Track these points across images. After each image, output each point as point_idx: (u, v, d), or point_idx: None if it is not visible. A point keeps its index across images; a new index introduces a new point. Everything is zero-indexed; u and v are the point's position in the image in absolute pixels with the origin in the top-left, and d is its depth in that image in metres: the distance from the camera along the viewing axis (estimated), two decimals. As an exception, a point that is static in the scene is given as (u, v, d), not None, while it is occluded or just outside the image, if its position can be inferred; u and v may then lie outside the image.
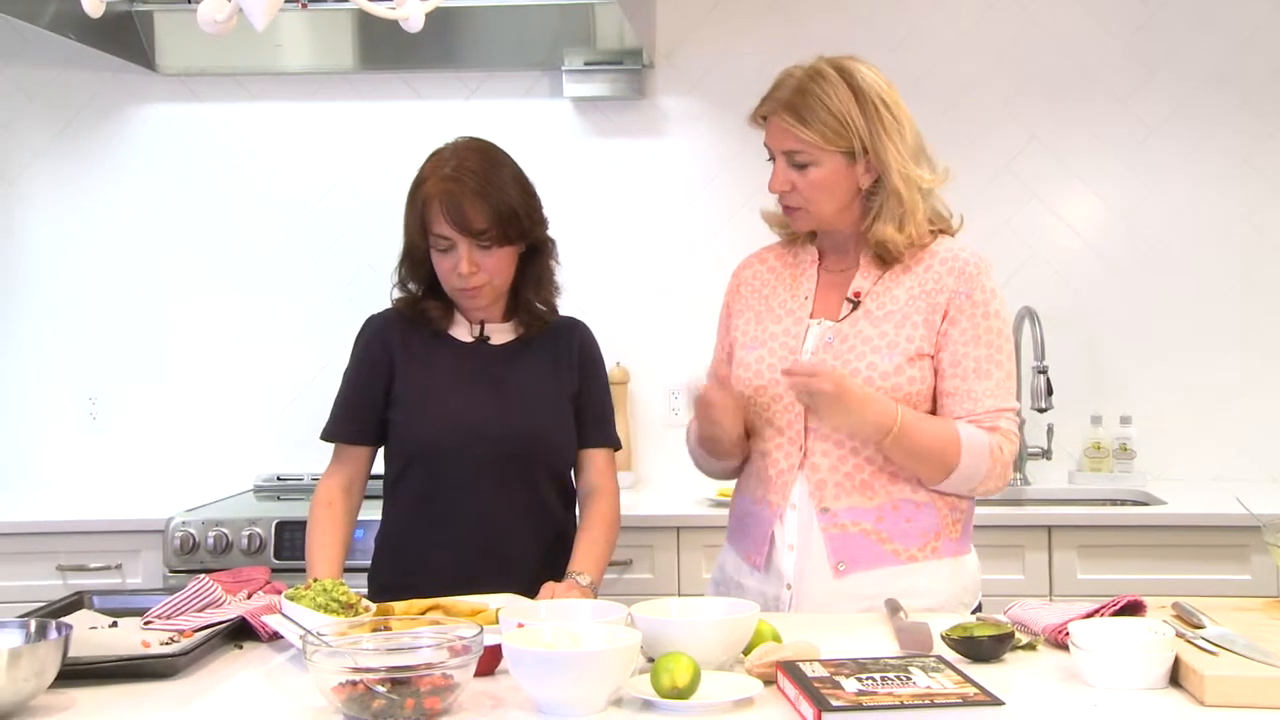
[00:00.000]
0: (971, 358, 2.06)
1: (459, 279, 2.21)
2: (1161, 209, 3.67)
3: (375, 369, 2.30)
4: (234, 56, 3.71)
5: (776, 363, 2.10)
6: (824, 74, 2.07)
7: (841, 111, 2.04)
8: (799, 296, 2.17)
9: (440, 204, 2.18)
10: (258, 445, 3.76)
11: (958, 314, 2.07)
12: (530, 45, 3.67)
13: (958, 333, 2.06)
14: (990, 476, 2.05)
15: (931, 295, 2.08)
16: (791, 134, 2.06)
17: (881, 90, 2.07)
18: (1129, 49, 3.66)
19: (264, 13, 1.60)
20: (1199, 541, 3.07)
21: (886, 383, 2.03)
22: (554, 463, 2.32)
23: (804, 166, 2.07)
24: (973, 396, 2.05)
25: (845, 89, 2.05)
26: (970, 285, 2.08)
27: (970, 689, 1.53)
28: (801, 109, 2.05)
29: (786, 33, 3.69)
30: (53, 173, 3.83)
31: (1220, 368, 3.64)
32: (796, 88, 2.07)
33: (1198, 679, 1.54)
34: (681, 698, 1.53)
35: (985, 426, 2.04)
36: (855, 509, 2.06)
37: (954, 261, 2.10)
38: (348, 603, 1.86)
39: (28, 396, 3.83)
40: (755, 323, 2.19)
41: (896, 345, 2.05)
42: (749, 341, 2.17)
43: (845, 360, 2.05)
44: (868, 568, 2.05)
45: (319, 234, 3.79)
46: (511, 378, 2.28)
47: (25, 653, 1.56)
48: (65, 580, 3.15)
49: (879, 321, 2.08)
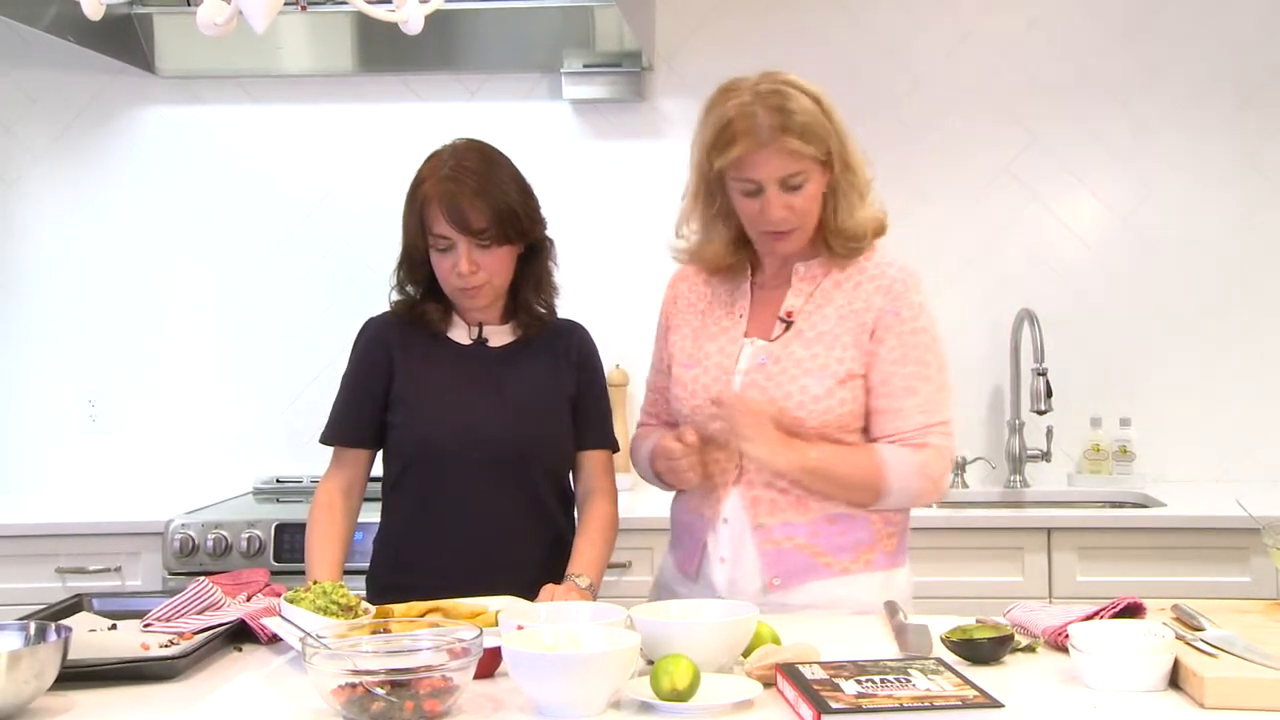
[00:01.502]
0: (899, 375, 2.06)
1: (459, 278, 2.21)
2: (1161, 210, 3.67)
3: (374, 371, 2.30)
4: (234, 59, 3.71)
5: (711, 382, 2.11)
6: (785, 91, 2.04)
7: (818, 121, 2.04)
8: (734, 314, 2.16)
9: (440, 203, 2.18)
10: (257, 447, 3.75)
11: (885, 332, 2.07)
12: (530, 48, 3.67)
13: (885, 351, 2.07)
14: (924, 494, 2.09)
15: (860, 315, 2.08)
16: (795, 156, 2.02)
17: (825, 96, 2.08)
18: (1129, 50, 3.66)
19: (264, 15, 1.60)
20: (1198, 544, 3.07)
21: (818, 406, 2.04)
22: (552, 465, 2.32)
23: (798, 187, 2.05)
24: (901, 415, 2.06)
25: (807, 99, 2.04)
26: (897, 303, 2.08)
27: (969, 691, 1.53)
28: (799, 128, 2.02)
29: (785, 35, 3.70)
30: (53, 175, 3.83)
31: (1220, 370, 3.64)
32: (778, 109, 2.02)
33: (1197, 681, 1.54)
34: (681, 700, 1.53)
35: (914, 444, 2.05)
36: (789, 524, 2.07)
37: (881, 279, 2.10)
38: (347, 605, 1.86)
39: (28, 398, 3.83)
40: (692, 340, 2.19)
41: (827, 368, 2.05)
42: (685, 359, 2.18)
43: (777, 382, 2.06)
44: (801, 581, 2.07)
45: (319, 236, 3.79)
46: (510, 380, 2.28)
47: (25, 655, 1.55)
48: (65, 582, 3.15)
49: (810, 343, 2.08)
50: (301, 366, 3.72)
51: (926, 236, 3.70)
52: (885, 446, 2.06)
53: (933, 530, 3.12)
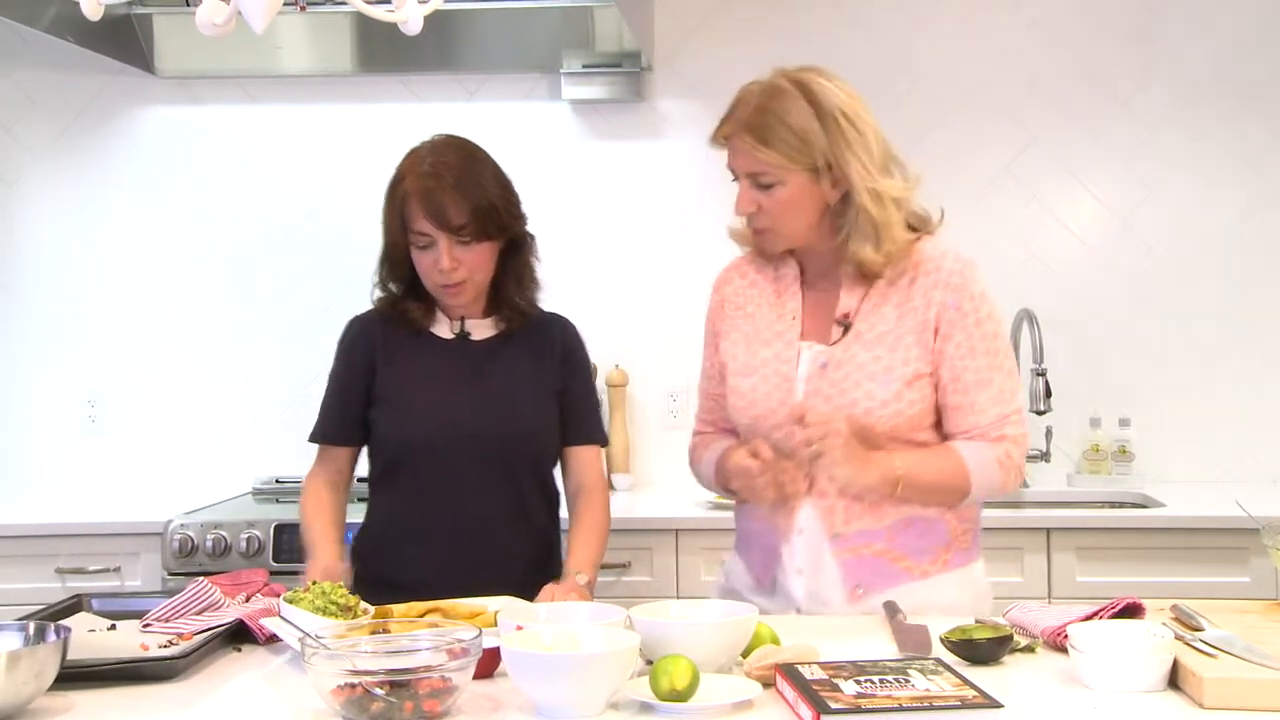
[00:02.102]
0: (970, 370, 2.03)
1: (440, 275, 2.21)
2: (1161, 211, 3.67)
3: (357, 369, 2.32)
4: (233, 59, 3.71)
5: (772, 390, 2.06)
6: (782, 89, 1.99)
7: (802, 128, 1.97)
8: (785, 317, 2.11)
9: (419, 200, 2.18)
10: (256, 448, 3.75)
11: (950, 328, 2.03)
12: (529, 48, 3.67)
13: (953, 347, 2.03)
14: (1006, 485, 2.06)
15: (920, 312, 2.03)
16: (753, 155, 1.99)
17: (842, 103, 1.99)
18: (1129, 51, 3.66)
19: (263, 15, 1.60)
20: (1198, 544, 3.07)
21: (886, 410, 2.00)
22: (536, 458, 2.31)
23: (769, 187, 2.00)
24: (977, 409, 2.03)
25: (804, 104, 1.97)
26: (959, 296, 2.03)
27: (969, 691, 1.53)
28: (761, 129, 1.97)
29: (785, 35, 3.70)
30: (52, 175, 3.83)
31: (1219, 370, 3.64)
32: (756, 106, 1.99)
33: (1197, 681, 1.54)
34: (680, 700, 1.53)
35: (991, 438, 2.03)
36: (866, 531, 2.04)
37: (938, 273, 2.04)
38: (346, 605, 1.87)
39: (27, 399, 3.83)
40: (744, 346, 2.13)
41: (893, 370, 2.01)
42: (740, 368, 2.12)
43: (841, 389, 2.01)
44: (884, 588, 2.04)
45: (318, 236, 3.79)
46: (493, 373, 2.29)
47: (24, 655, 1.56)
48: (64, 583, 3.15)
49: (871, 345, 2.03)
50: (301, 367, 3.72)
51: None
52: (964, 445, 2.03)
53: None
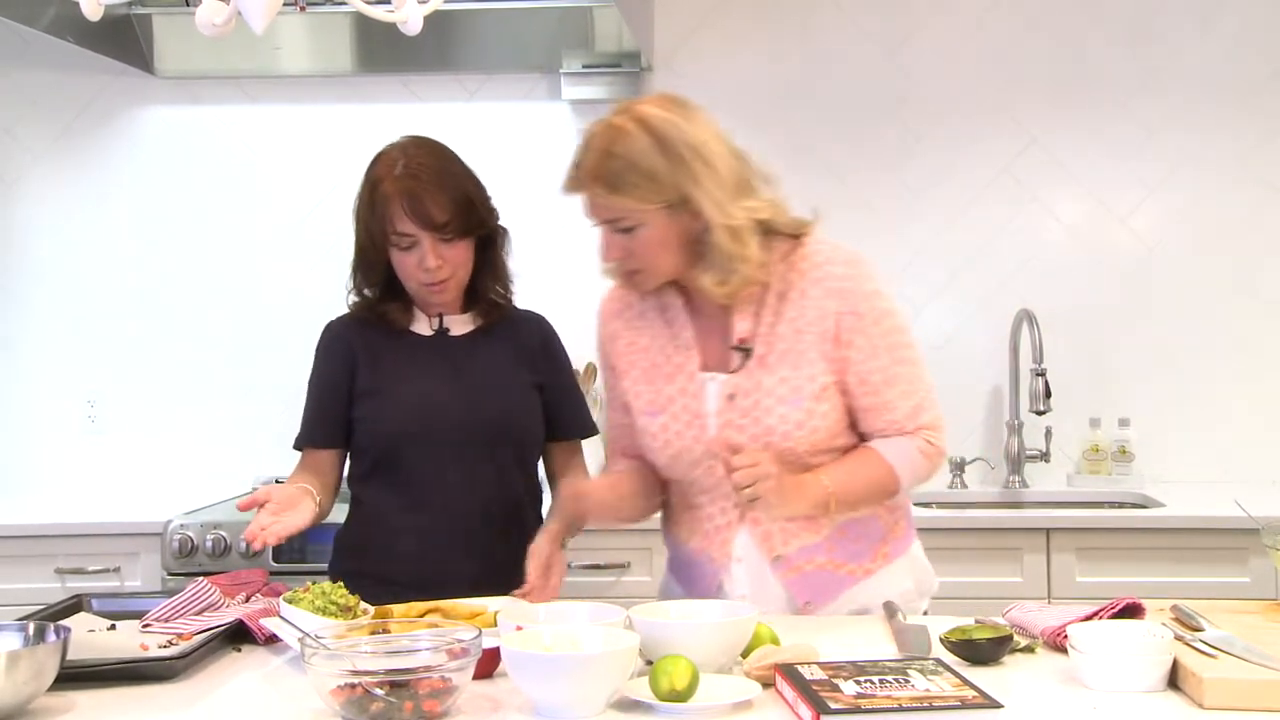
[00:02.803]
0: (877, 370, 2.00)
1: (425, 274, 2.22)
2: (1160, 211, 3.67)
3: (337, 372, 2.32)
4: (232, 59, 3.71)
5: (684, 429, 2.02)
6: (624, 130, 1.91)
7: (649, 167, 1.89)
8: (682, 348, 2.05)
9: (401, 201, 2.18)
10: (256, 448, 3.75)
11: (850, 334, 1.98)
12: (528, 48, 3.67)
13: (856, 352, 1.99)
14: (932, 471, 2.07)
15: (817, 324, 1.98)
16: (607, 204, 1.93)
17: (687, 136, 1.91)
18: (1129, 51, 3.66)
19: (263, 15, 1.60)
20: (1198, 544, 3.07)
21: (802, 430, 1.97)
22: (518, 447, 2.31)
23: (630, 230, 1.94)
24: (890, 406, 2.01)
25: (646, 140, 1.90)
26: (852, 301, 1.98)
27: (969, 692, 1.53)
28: (609, 176, 1.90)
29: (785, 36, 3.70)
30: (52, 175, 3.83)
31: (1219, 370, 3.64)
32: (599, 151, 1.91)
33: (1196, 682, 1.54)
34: (680, 700, 1.53)
35: (909, 430, 2.02)
36: (807, 547, 2.02)
37: (827, 280, 1.98)
38: (346, 605, 1.87)
39: (27, 399, 3.83)
40: (646, 383, 2.07)
41: (801, 389, 1.97)
42: (646, 406, 2.06)
43: (754, 417, 1.98)
44: (831, 598, 2.04)
45: (317, 236, 3.78)
46: (472, 365, 2.29)
47: (24, 655, 1.56)
48: (64, 583, 3.15)
49: (775, 367, 1.98)
50: (301, 367, 3.64)
51: (925, 237, 3.71)
52: (884, 444, 2.02)
53: (932, 531, 3.10)
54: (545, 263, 3.56)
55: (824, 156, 3.71)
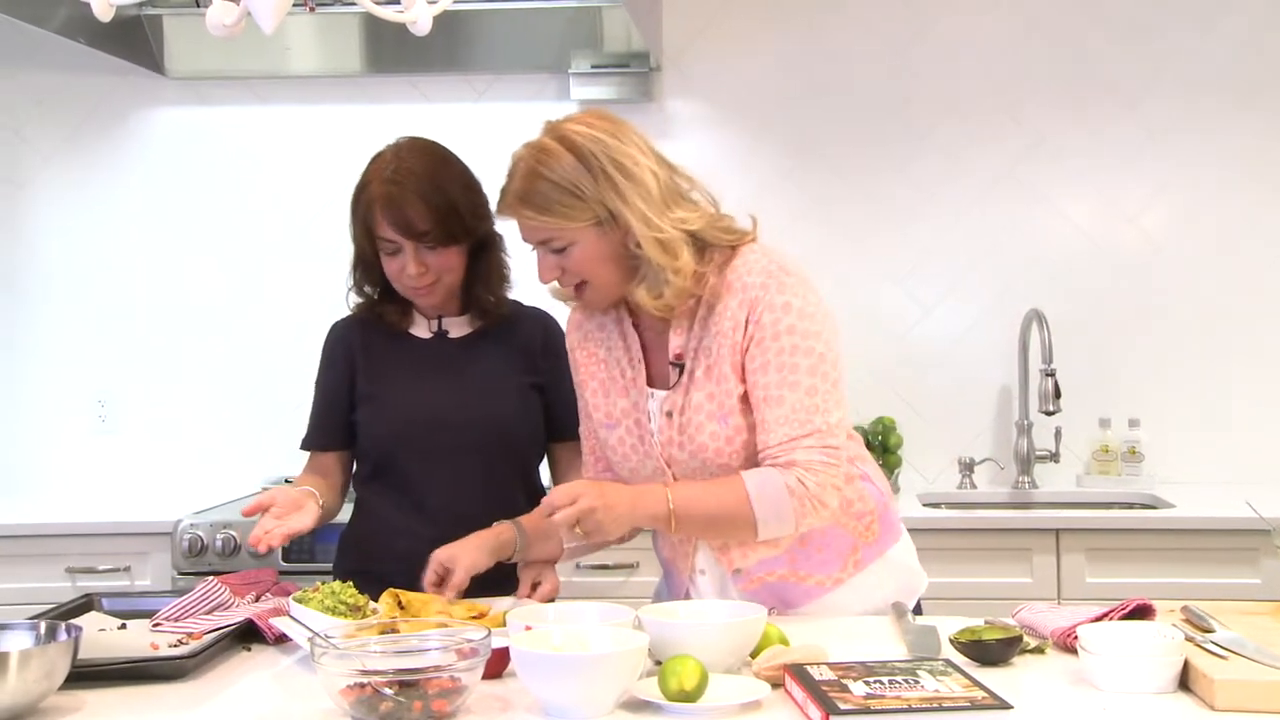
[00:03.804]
0: (761, 386, 1.90)
1: (409, 279, 2.22)
2: (1168, 211, 3.67)
3: (339, 374, 2.34)
4: (242, 60, 3.72)
5: (636, 443, 2.01)
6: (546, 149, 1.90)
7: (571, 183, 1.87)
8: (632, 362, 2.04)
9: (382, 208, 2.18)
10: (265, 448, 3.76)
11: (751, 344, 1.91)
12: (537, 48, 3.67)
13: (750, 362, 1.92)
14: (804, 515, 1.88)
15: (729, 335, 1.92)
16: (535, 225, 1.91)
17: (609, 150, 1.88)
18: (1136, 50, 3.66)
19: (272, 16, 1.61)
20: (1208, 545, 3.07)
21: (733, 446, 1.93)
22: (517, 450, 2.31)
23: (563, 250, 1.92)
24: (766, 428, 1.89)
25: (569, 159, 1.88)
26: (756, 309, 1.91)
27: (978, 692, 1.52)
28: (532, 196, 1.89)
29: (793, 36, 3.70)
30: (62, 176, 3.84)
31: (1229, 370, 3.63)
32: (524, 173, 1.90)
33: (1207, 683, 1.54)
34: (689, 700, 1.53)
35: (780, 462, 1.88)
36: (765, 560, 1.99)
37: (743, 291, 1.92)
38: (355, 605, 1.87)
39: (37, 399, 3.84)
40: (604, 396, 2.07)
41: (724, 404, 1.93)
42: (604, 419, 2.06)
43: (689, 435, 1.95)
44: (798, 606, 2.02)
45: (326, 236, 3.78)
46: (469, 368, 2.29)
47: (35, 654, 1.56)
48: (74, 582, 3.16)
49: (702, 383, 1.95)
50: (310, 367, 3.67)
51: (933, 237, 3.70)
52: (751, 472, 1.90)
53: (941, 531, 3.12)
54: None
55: (831, 156, 3.70)
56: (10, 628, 1.68)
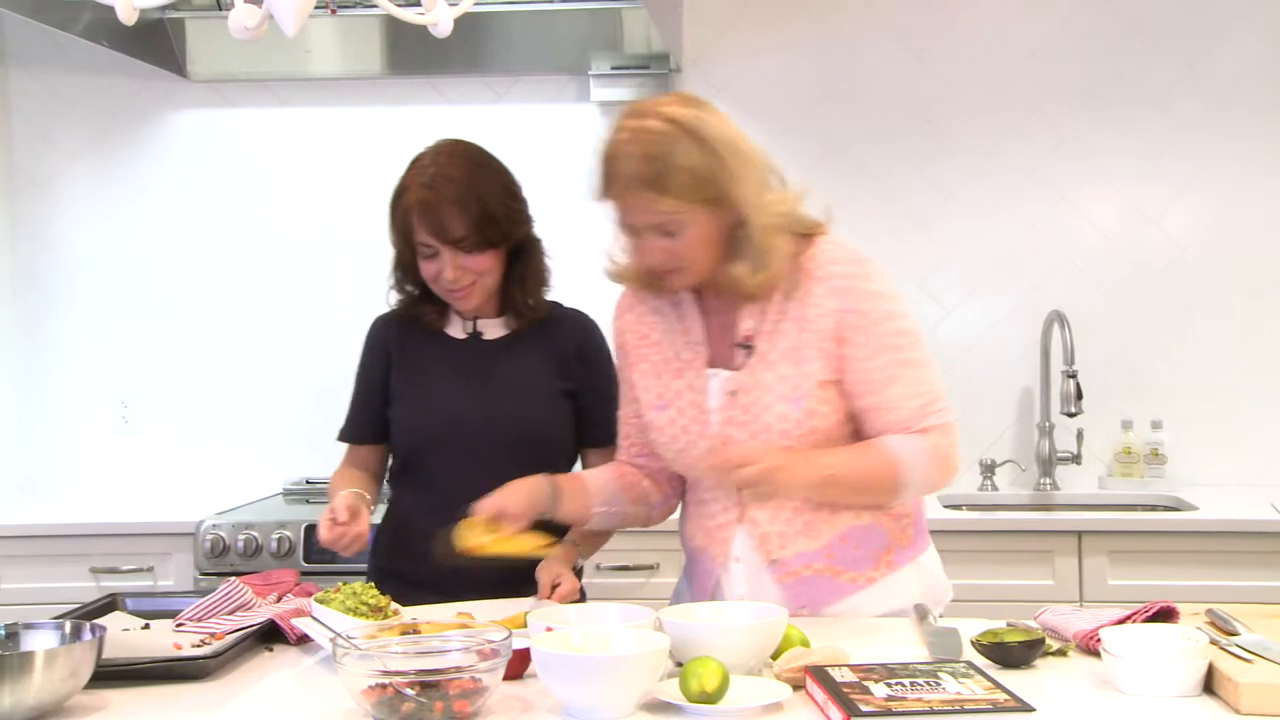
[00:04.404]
0: (878, 369, 1.96)
1: (445, 283, 2.23)
2: (1192, 211, 3.65)
3: (376, 370, 2.36)
4: (264, 62, 3.74)
5: (689, 423, 2.01)
6: (662, 133, 1.89)
7: (693, 166, 1.88)
8: (691, 344, 2.05)
9: (419, 214, 2.19)
10: (287, 449, 3.77)
11: (852, 333, 1.96)
12: (557, 50, 3.68)
13: (856, 350, 1.96)
14: (942, 476, 2.00)
15: (816, 322, 1.96)
16: (654, 208, 1.90)
17: (724, 133, 1.92)
18: (1160, 50, 3.64)
19: (294, 19, 1.61)
20: (1232, 548, 3.05)
21: (800, 429, 1.96)
22: (541, 453, 2.29)
23: (674, 233, 1.92)
24: (892, 406, 1.97)
25: (689, 142, 1.89)
26: (853, 299, 1.96)
27: (1000, 695, 1.52)
28: (655, 178, 1.88)
29: (814, 37, 3.69)
30: (87, 178, 3.86)
31: (1253, 372, 3.61)
32: (641, 156, 1.88)
33: (1232, 686, 1.53)
34: (710, 702, 1.53)
35: (916, 429, 1.96)
36: (804, 553, 2.00)
37: (829, 280, 1.97)
38: (377, 606, 1.88)
39: (61, 400, 3.86)
40: (655, 377, 2.07)
41: (800, 387, 1.95)
42: (654, 400, 2.06)
43: (754, 414, 1.97)
44: (829, 603, 2.02)
45: (348, 238, 3.80)
46: (500, 370, 2.30)
47: (61, 654, 1.57)
48: (98, 582, 3.18)
49: (775, 364, 1.97)
50: (331, 368, 3.70)
51: (954, 238, 3.69)
52: (892, 438, 1.96)
53: (963, 533, 3.11)
54: (572, 264, 3.56)
55: (853, 157, 3.69)
56: (36, 627, 1.70)
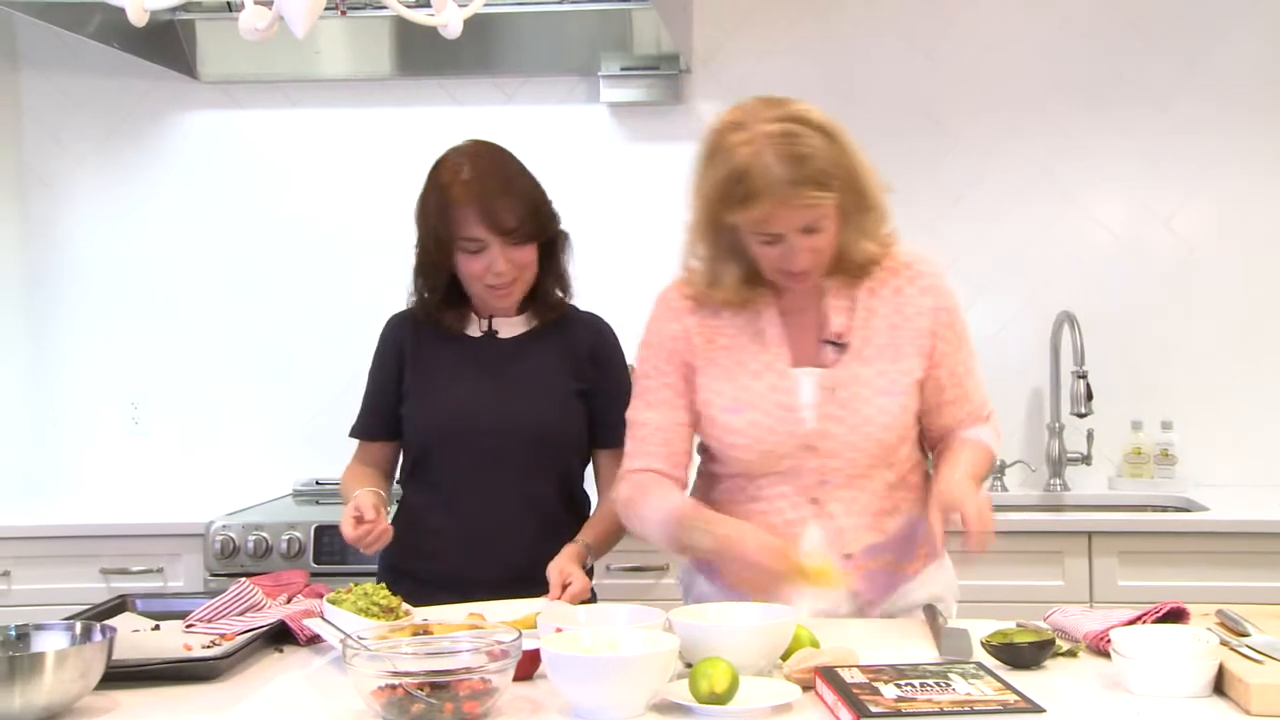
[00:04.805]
0: (960, 363, 2.09)
1: (495, 278, 2.22)
2: (1201, 211, 3.64)
3: (389, 368, 2.36)
4: (274, 64, 3.74)
5: (776, 424, 1.99)
6: (794, 134, 1.90)
7: (832, 159, 1.92)
8: (768, 345, 2.04)
9: (472, 206, 2.19)
10: (297, 450, 3.78)
11: (944, 329, 2.06)
12: (567, 51, 3.68)
13: (947, 346, 2.06)
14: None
15: (914, 320, 2.04)
16: (815, 207, 1.91)
17: (823, 115, 1.96)
18: (1165, 50, 3.62)
19: (304, 20, 1.62)
20: (1242, 548, 3.04)
21: (897, 422, 2.02)
22: (552, 453, 2.31)
23: (820, 229, 1.94)
24: (970, 397, 2.11)
25: (819, 134, 1.91)
26: (942, 297, 2.07)
27: (1010, 696, 1.52)
28: (816, 177, 1.89)
29: (823, 38, 3.69)
30: (97, 179, 3.87)
31: (1263, 372, 3.60)
32: (790, 157, 1.88)
33: (1243, 687, 1.52)
34: (720, 703, 1.53)
35: (983, 416, 2.13)
36: (874, 546, 2.03)
37: (920, 279, 2.06)
38: (388, 606, 1.88)
39: (71, 402, 3.87)
40: (726, 381, 2.04)
41: (897, 382, 2.02)
42: (729, 404, 2.03)
43: (852, 409, 1.99)
44: (886, 595, 2.05)
45: (357, 239, 3.81)
46: (514, 369, 2.30)
47: (71, 654, 1.58)
48: (108, 583, 3.18)
49: (871, 360, 2.02)
50: (340, 369, 3.74)
51: (963, 238, 3.68)
52: (974, 432, 2.09)
53: (972, 534, 3.10)
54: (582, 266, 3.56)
55: (862, 158, 3.69)
56: (46, 628, 1.70)
